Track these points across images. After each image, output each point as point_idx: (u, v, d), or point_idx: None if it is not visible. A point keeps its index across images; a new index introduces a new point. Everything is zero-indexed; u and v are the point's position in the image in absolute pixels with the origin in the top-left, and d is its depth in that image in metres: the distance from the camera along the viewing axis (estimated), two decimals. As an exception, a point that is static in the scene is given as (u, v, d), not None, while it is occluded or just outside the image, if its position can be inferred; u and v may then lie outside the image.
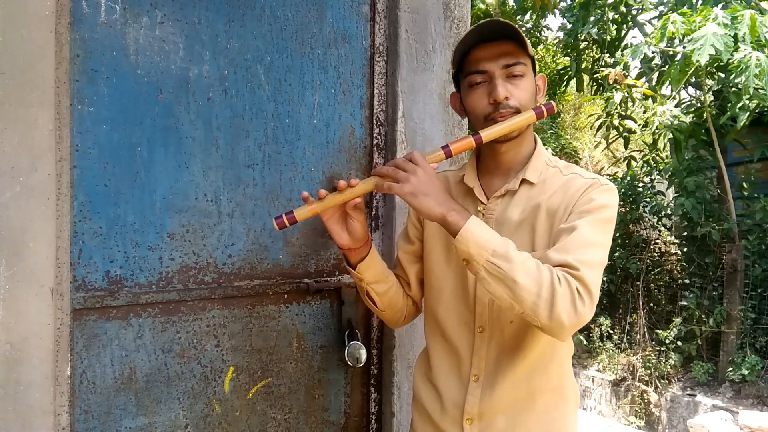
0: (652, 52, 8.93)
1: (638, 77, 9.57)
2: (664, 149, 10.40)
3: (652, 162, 10.03)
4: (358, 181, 1.95)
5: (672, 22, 7.04)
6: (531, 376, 1.97)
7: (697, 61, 6.60)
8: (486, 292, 1.90)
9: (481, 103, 1.95)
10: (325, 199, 1.94)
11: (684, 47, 7.24)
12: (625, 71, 9.18)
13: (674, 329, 8.46)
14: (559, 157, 2.20)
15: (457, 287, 2.06)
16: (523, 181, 2.00)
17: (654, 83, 9.23)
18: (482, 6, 9.12)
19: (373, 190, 1.94)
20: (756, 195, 8.49)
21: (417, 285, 2.24)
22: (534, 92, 2.00)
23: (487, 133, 1.92)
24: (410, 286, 2.24)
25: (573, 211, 1.88)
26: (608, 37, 10.24)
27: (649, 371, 8.42)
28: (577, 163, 14.68)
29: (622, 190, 9.24)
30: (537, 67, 2.07)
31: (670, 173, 9.05)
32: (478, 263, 1.73)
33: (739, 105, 7.07)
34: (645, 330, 8.86)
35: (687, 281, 8.86)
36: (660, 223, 9.45)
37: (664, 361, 8.41)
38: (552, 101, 2.01)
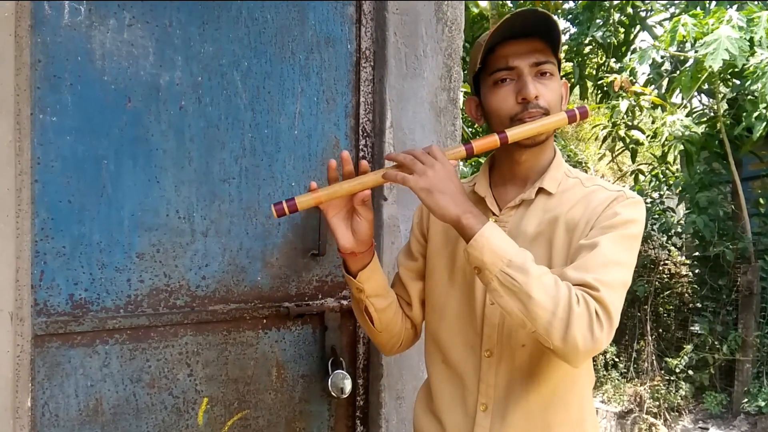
0: (662, 57, 8.96)
1: (646, 84, 9.60)
2: (674, 162, 10.44)
3: (662, 176, 10.05)
4: (368, 166, 1.92)
5: (683, 25, 7.07)
6: (548, 408, 1.93)
7: (710, 66, 6.63)
8: (496, 311, 1.90)
9: (507, 102, 1.91)
10: (331, 188, 1.88)
11: (696, 51, 7.27)
12: (631, 78, 9.22)
13: (685, 357, 8.47)
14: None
15: (462, 306, 2.03)
16: (540, 191, 1.97)
17: (663, 91, 9.27)
18: (475, 10, 9.14)
19: (383, 181, 1.88)
20: (773, 211, 8.53)
21: (419, 305, 2.20)
22: (561, 96, 1.98)
23: (514, 132, 1.87)
24: (411, 306, 2.19)
25: (595, 226, 1.85)
26: (614, 41, 10.28)
27: (657, 402, 8.43)
28: (586, 171, 14.71)
29: (630, 206, 9.22)
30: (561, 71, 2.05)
31: (680, 188, 9.09)
32: (491, 273, 1.70)
33: (756, 114, 7.08)
34: (653, 358, 8.87)
35: (699, 305, 8.88)
36: (670, 242, 9.47)
37: (674, 391, 8.42)
38: (585, 105, 1.97)
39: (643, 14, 10.36)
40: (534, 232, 1.94)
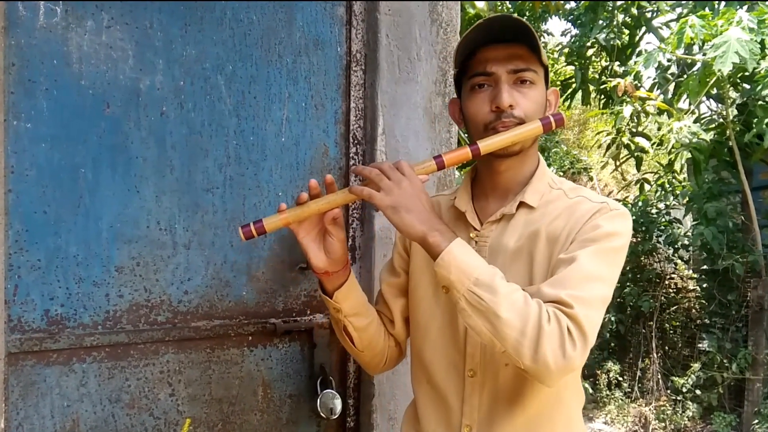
0: (668, 60, 8.95)
1: (652, 89, 9.59)
2: (681, 171, 10.43)
3: (668, 185, 10.04)
4: (332, 178, 1.95)
5: (690, 26, 7.04)
6: (532, 429, 1.94)
7: (719, 70, 6.61)
8: None
9: (482, 110, 1.94)
10: (299, 208, 1.91)
11: (704, 54, 7.26)
12: (636, 82, 9.20)
13: (692, 376, 8.45)
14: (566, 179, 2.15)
15: (445, 325, 2.04)
16: (521, 204, 1.99)
17: (670, 96, 9.26)
18: (472, 11, 9.17)
19: (351, 197, 1.92)
20: (785, 223, 8.52)
21: (402, 323, 2.22)
22: (544, 105, 1.99)
23: (486, 144, 1.89)
24: (394, 324, 2.21)
25: (575, 239, 1.86)
26: (618, 43, 10.27)
27: (663, 423, 8.42)
28: (590, 180, 14.71)
29: (634, 217, 9.19)
30: (549, 78, 2.06)
31: (687, 198, 9.07)
32: (458, 292, 1.72)
33: (767, 120, 7.08)
34: (659, 377, 8.86)
35: (707, 321, 8.86)
36: (676, 255, 9.46)
37: (680, 411, 8.40)
38: (561, 112, 1.98)
39: (648, 15, 10.35)
40: (515, 247, 1.96)
